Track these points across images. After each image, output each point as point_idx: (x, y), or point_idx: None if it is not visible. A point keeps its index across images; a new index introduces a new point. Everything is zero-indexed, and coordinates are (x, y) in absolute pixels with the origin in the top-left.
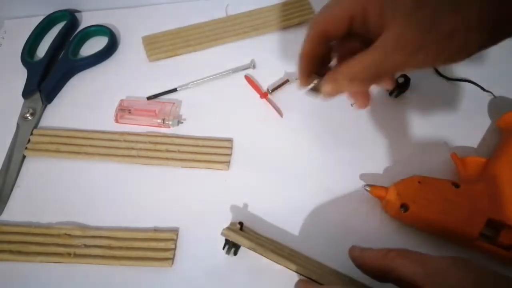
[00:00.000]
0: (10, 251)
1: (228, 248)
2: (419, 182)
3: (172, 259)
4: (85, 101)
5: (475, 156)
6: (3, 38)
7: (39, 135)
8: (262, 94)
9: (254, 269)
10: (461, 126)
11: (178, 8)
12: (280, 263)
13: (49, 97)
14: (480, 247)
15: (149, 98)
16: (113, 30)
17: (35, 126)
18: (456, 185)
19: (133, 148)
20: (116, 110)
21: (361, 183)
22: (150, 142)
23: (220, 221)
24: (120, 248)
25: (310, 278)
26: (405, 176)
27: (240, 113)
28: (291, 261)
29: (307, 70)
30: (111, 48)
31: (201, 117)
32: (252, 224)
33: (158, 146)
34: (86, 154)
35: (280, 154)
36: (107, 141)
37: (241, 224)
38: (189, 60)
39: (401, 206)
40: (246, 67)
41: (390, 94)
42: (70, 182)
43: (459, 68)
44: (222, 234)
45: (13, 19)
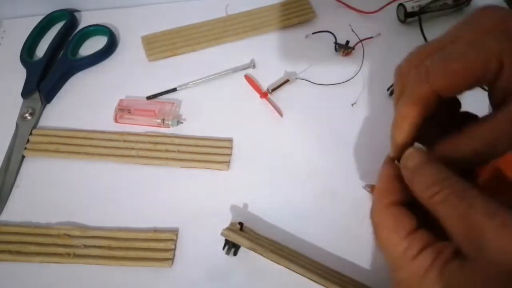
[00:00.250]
0: (9, 251)
1: (228, 248)
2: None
3: (172, 260)
4: (84, 101)
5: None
6: (2, 37)
7: (39, 135)
8: (262, 94)
9: (254, 269)
10: None
11: (178, 8)
12: (280, 263)
13: (48, 97)
14: None
15: (148, 98)
16: (112, 29)
17: (34, 126)
18: None
19: (132, 148)
20: (115, 110)
21: (361, 183)
22: (150, 142)
23: (220, 221)
24: (119, 248)
25: (310, 279)
26: None
27: (240, 113)
28: (291, 261)
29: (407, 139)
30: (111, 47)
31: (201, 117)
32: (252, 224)
33: (158, 146)
34: (85, 154)
35: (280, 154)
36: (107, 141)
37: (241, 224)
38: (188, 60)
39: None
40: (246, 67)
41: (391, 94)
42: (69, 182)
43: None
44: (222, 234)
45: (12, 19)
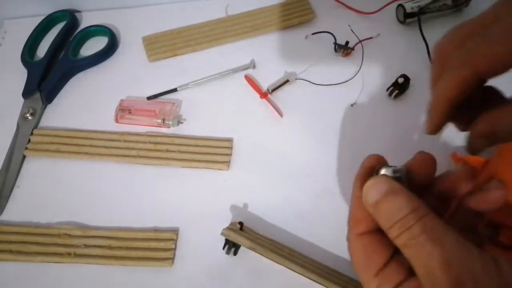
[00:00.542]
0: (10, 251)
1: (228, 248)
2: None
3: (172, 259)
4: (85, 101)
5: (475, 156)
6: (3, 38)
7: (39, 135)
8: (262, 94)
9: (254, 269)
10: None
11: (178, 8)
12: (280, 263)
13: (49, 97)
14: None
15: (149, 98)
16: (113, 30)
17: (35, 126)
18: None
19: (133, 148)
20: (116, 110)
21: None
22: (150, 142)
23: (220, 221)
24: (120, 248)
25: (310, 278)
26: None
27: (240, 113)
28: (291, 261)
29: (445, 118)
30: (111, 48)
31: (201, 117)
32: (252, 224)
33: (158, 146)
34: (86, 154)
35: (280, 154)
36: (107, 141)
37: (241, 224)
38: (189, 60)
39: None
40: (246, 67)
41: (390, 95)
42: (70, 182)
43: None
44: (222, 234)
45: (13, 19)
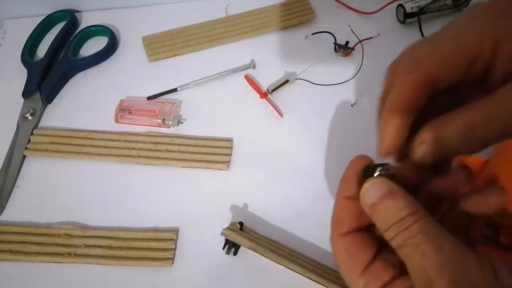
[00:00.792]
0: (10, 251)
1: (228, 248)
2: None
3: (172, 259)
4: (85, 101)
5: (475, 156)
6: (3, 38)
7: (39, 135)
8: (262, 94)
9: (254, 269)
10: None
11: (178, 8)
12: (280, 263)
13: (49, 97)
14: (480, 247)
15: (149, 98)
16: (113, 30)
17: (35, 126)
18: None
19: (133, 148)
20: (116, 110)
21: None
22: (150, 142)
23: (220, 221)
24: (120, 248)
25: (310, 278)
26: None
27: (240, 113)
28: (291, 261)
29: (400, 133)
30: (111, 48)
31: (201, 117)
32: (252, 224)
33: (158, 146)
34: (86, 154)
35: (280, 154)
36: (107, 141)
37: (241, 224)
38: (189, 60)
39: None
40: (246, 67)
41: None
42: (70, 182)
43: None
44: (222, 234)
45: (13, 19)
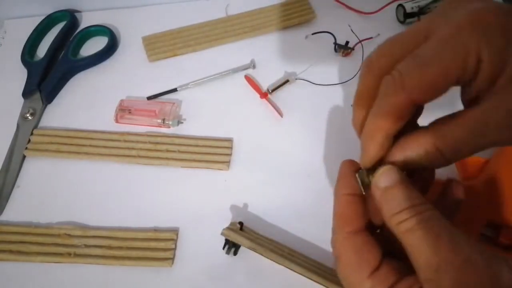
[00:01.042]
0: (10, 251)
1: (228, 248)
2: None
3: (172, 259)
4: (85, 101)
5: (475, 156)
6: (3, 38)
7: (39, 135)
8: (262, 94)
9: (254, 269)
10: None
11: (178, 8)
12: (280, 263)
13: (49, 97)
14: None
15: (149, 98)
16: (113, 30)
17: (35, 126)
18: None
19: (133, 148)
20: (116, 110)
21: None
22: (150, 142)
23: (220, 221)
24: (120, 248)
25: (310, 278)
26: None
27: (240, 113)
28: (291, 261)
29: (382, 150)
30: (111, 48)
31: (201, 117)
32: (252, 224)
33: (158, 146)
34: (86, 154)
35: (280, 154)
36: (107, 141)
37: (241, 224)
38: (189, 60)
39: None
40: (246, 67)
41: None
42: (70, 182)
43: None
44: (222, 234)
45: (13, 19)
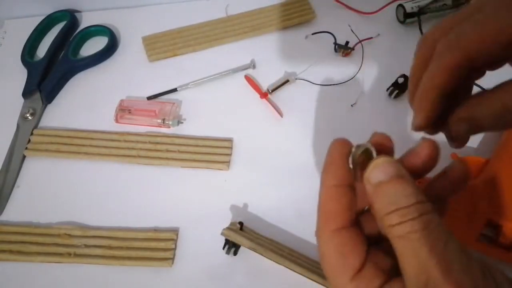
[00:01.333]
0: (10, 251)
1: (228, 248)
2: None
3: (172, 259)
4: (85, 101)
5: (475, 156)
6: (3, 38)
7: (39, 135)
8: (262, 94)
9: (254, 269)
10: None
11: (178, 8)
12: (280, 263)
13: (49, 97)
14: (480, 247)
15: (149, 98)
16: (113, 30)
17: (35, 126)
18: None
19: (133, 148)
20: (116, 110)
21: None
22: (150, 142)
23: (220, 221)
24: (120, 248)
25: (310, 278)
26: None
27: (240, 113)
28: (291, 261)
29: (435, 111)
30: (111, 48)
31: (201, 117)
32: (252, 224)
33: (158, 146)
34: (86, 154)
35: (280, 154)
36: (107, 141)
37: (241, 224)
38: (189, 60)
39: None
40: (246, 67)
41: (390, 95)
42: (70, 182)
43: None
44: (222, 234)
45: (13, 19)
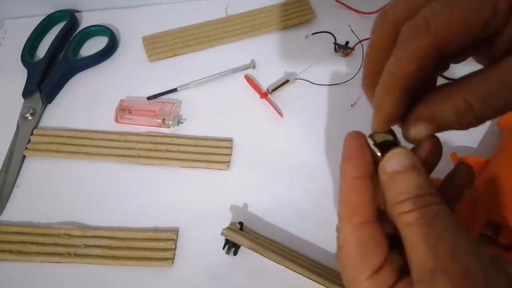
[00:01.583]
0: (10, 251)
1: (228, 248)
2: None
3: (172, 259)
4: (85, 101)
5: (475, 156)
6: (3, 38)
7: (39, 135)
8: (262, 94)
9: (254, 269)
10: None
11: (178, 8)
12: (280, 263)
13: (49, 97)
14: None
15: (149, 98)
16: (113, 30)
17: (35, 126)
18: None
19: (133, 148)
20: (116, 110)
21: None
22: (150, 142)
23: (220, 221)
24: (120, 248)
25: (310, 278)
26: None
27: (240, 113)
28: (291, 261)
29: (400, 105)
30: (111, 48)
31: (201, 117)
32: (252, 224)
33: (158, 146)
34: (86, 154)
35: (280, 154)
36: (107, 141)
37: (241, 224)
38: (189, 60)
39: None
40: (246, 67)
41: None
42: (70, 182)
43: (459, 68)
44: (222, 234)
45: (13, 19)
